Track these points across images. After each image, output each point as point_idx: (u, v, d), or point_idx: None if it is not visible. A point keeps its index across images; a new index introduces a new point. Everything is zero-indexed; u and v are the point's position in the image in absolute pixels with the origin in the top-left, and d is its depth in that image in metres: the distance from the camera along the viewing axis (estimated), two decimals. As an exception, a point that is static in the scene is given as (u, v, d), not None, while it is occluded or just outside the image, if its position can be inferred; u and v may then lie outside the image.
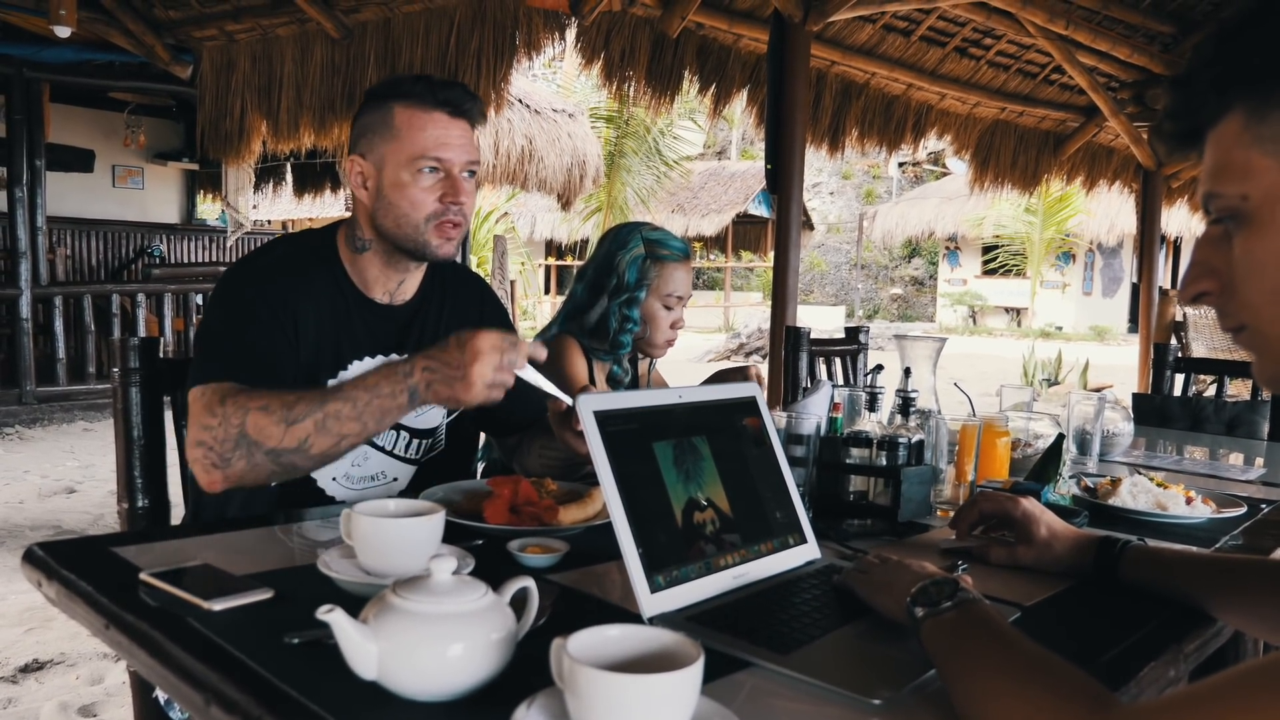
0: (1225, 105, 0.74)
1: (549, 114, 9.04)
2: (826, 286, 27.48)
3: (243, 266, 1.64)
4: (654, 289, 2.24)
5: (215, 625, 0.99)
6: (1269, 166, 0.71)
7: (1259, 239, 0.72)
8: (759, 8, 5.15)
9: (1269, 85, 0.71)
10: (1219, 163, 0.75)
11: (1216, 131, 0.75)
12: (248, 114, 5.51)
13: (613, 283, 2.23)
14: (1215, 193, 0.75)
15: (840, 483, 1.57)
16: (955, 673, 0.87)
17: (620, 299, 2.22)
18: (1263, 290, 0.73)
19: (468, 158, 1.61)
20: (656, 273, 2.23)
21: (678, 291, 2.26)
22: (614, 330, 2.22)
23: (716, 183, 20.56)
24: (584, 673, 0.73)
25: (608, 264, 2.25)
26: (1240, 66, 0.72)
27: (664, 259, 2.24)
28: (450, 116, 1.59)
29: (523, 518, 1.37)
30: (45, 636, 3.27)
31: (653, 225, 2.35)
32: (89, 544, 1.31)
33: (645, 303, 2.24)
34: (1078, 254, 21.76)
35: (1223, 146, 0.74)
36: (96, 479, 5.59)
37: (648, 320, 2.26)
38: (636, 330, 2.24)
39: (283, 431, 1.38)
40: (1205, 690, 0.69)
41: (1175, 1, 5.85)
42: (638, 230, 2.29)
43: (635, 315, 2.22)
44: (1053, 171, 7.58)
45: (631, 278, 2.22)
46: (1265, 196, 0.71)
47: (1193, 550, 1.39)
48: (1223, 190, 0.74)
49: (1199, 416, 3.21)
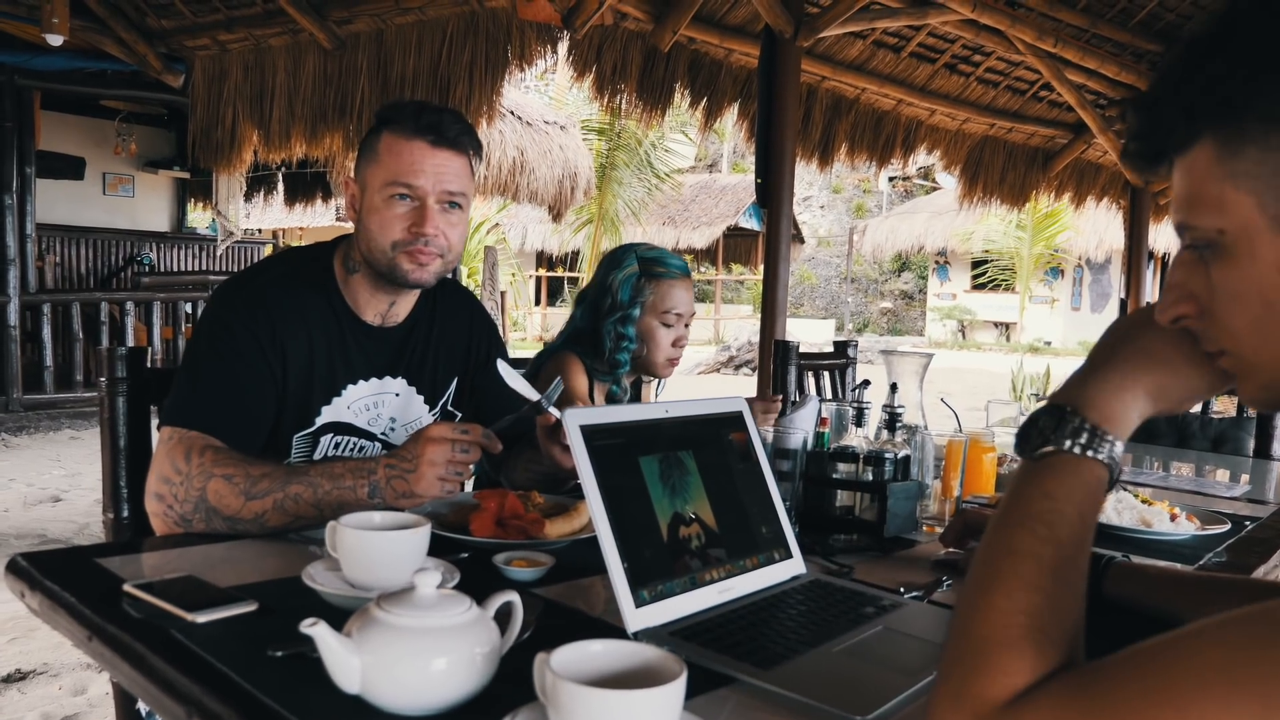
0: (1194, 134, 0.71)
1: (541, 126, 9.07)
2: (817, 300, 27.54)
3: (235, 288, 1.61)
4: (650, 306, 2.24)
5: (198, 637, 0.99)
6: (1243, 201, 0.69)
7: (1236, 271, 0.71)
8: (750, 23, 5.18)
9: (1240, 117, 0.68)
10: (1191, 194, 0.72)
11: (1186, 159, 0.73)
12: (239, 123, 5.51)
13: (608, 302, 2.24)
14: (1190, 225, 0.73)
15: (826, 498, 1.58)
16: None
17: (614, 317, 2.22)
18: (1244, 320, 0.72)
19: (444, 187, 1.57)
20: (652, 290, 2.23)
21: (676, 308, 2.26)
22: (609, 349, 2.22)
23: (707, 195, 20.60)
24: (567, 688, 0.73)
25: (604, 285, 2.26)
26: (1209, 96, 0.70)
27: (659, 276, 2.24)
28: (431, 145, 1.56)
29: (509, 531, 1.37)
30: (28, 646, 3.25)
31: (650, 245, 2.36)
32: (73, 555, 1.30)
33: (642, 320, 2.24)
34: (1066, 269, 21.87)
35: (1194, 177, 0.72)
36: (82, 488, 5.56)
37: (646, 338, 2.25)
38: (633, 348, 2.24)
39: (241, 504, 1.38)
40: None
41: (1162, 20, 5.91)
42: (633, 250, 2.29)
43: (630, 333, 2.22)
44: (1041, 187, 7.63)
45: (625, 295, 2.22)
46: (1241, 231, 0.70)
47: (1177, 568, 1.40)
48: (1197, 223, 0.72)
49: (1184, 433, 3.23)
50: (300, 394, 1.59)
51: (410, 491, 1.35)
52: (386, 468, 1.37)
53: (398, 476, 1.36)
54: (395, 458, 1.38)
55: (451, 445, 1.35)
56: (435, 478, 1.34)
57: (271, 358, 1.55)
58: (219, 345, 1.54)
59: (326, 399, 1.62)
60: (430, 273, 1.60)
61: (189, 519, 1.41)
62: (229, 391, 1.51)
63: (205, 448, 1.43)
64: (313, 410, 1.60)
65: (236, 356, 1.52)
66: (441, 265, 1.62)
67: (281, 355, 1.56)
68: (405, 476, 1.35)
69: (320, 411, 1.61)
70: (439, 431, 1.36)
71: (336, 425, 1.64)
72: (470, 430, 1.37)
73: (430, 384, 1.75)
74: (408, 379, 1.72)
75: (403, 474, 1.36)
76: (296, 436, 1.61)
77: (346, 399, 1.64)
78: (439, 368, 1.77)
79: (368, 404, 1.67)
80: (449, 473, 1.35)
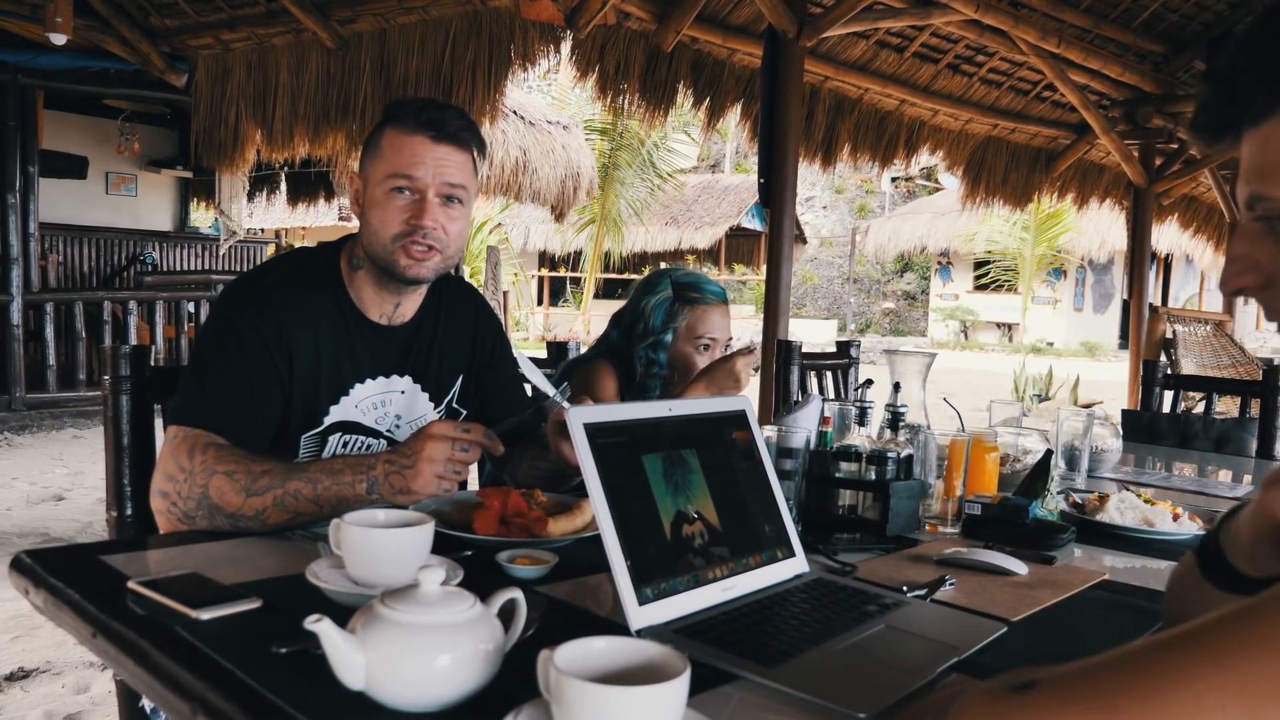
0: (1274, 104, 0.70)
1: (543, 126, 9.07)
2: (819, 300, 27.53)
3: (242, 288, 1.61)
4: (683, 333, 2.22)
5: (203, 634, 0.99)
6: None
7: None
8: (753, 23, 5.18)
9: None
10: (1267, 164, 0.71)
11: (1262, 130, 0.71)
12: (242, 122, 5.53)
13: (640, 327, 2.23)
14: (1263, 195, 0.72)
15: (829, 497, 1.58)
16: None
17: (647, 342, 2.21)
18: None
19: (444, 180, 1.57)
20: (685, 316, 2.22)
21: (711, 334, 2.24)
22: (640, 374, 2.22)
23: (710, 196, 20.61)
24: (570, 684, 0.73)
25: (636, 309, 2.25)
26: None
27: (694, 302, 2.23)
28: (432, 140, 1.57)
29: (512, 529, 1.38)
30: (31, 644, 3.25)
31: (687, 270, 2.35)
32: (77, 552, 1.30)
33: (675, 346, 2.22)
34: (1069, 270, 21.86)
35: (1272, 147, 0.71)
36: (85, 486, 5.57)
37: (678, 364, 2.24)
38: (663, 374, 2.23)
39: (242, 501, 1.39)
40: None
41: (1166, 21, 5.91)
42: (667, 275, 2.29)
43: (661, 359, 2.21)
44: (1044, 188, 7.64)
45: (657, 322, 2.21)
46: None
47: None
48: (1272, 193, 0.71)
49: (1187, 433, 3.23)
50: (308, 394, 1.59)
51: (408, 488, 1.35)
52: (385, 464, 1.37)
53: (396, 473, 1.36)
54: (395, 454, 1.38)
55: (451, 444, 1.35)
56: (433, 475, 1.35)
57: (278, 358, 1.55)
58: (225, 345, 1.54)
59: (334, 398, 1.62)
60: (428, 268, 1.59)
61: (192, 516, 1.41)
62: (235, 391, 1.51)
63: (209, 445, 1.43)
64: (320, 410, 1.60)
65: (243, 356, 1.53)
66: (440, 261, 1.61)
67: (288, 355, 1.56)
68: (403, 473, 1.35)
69: (328, 411, 1.61)
70: (439, 429, 1.36)
71: (344, 425, 1.64)
72: (471, 429, 1.37)
73: (435, 382, 1.75)
74: (413, 377, 1.72)
75: (401, 470, 1.36)
76: (305, 436, 1.61)
77: (354, 398, 1.64)
78: (444, 366, 1.77)
79: (375, 402, 1.67)
80: (447, 471, 1.35)
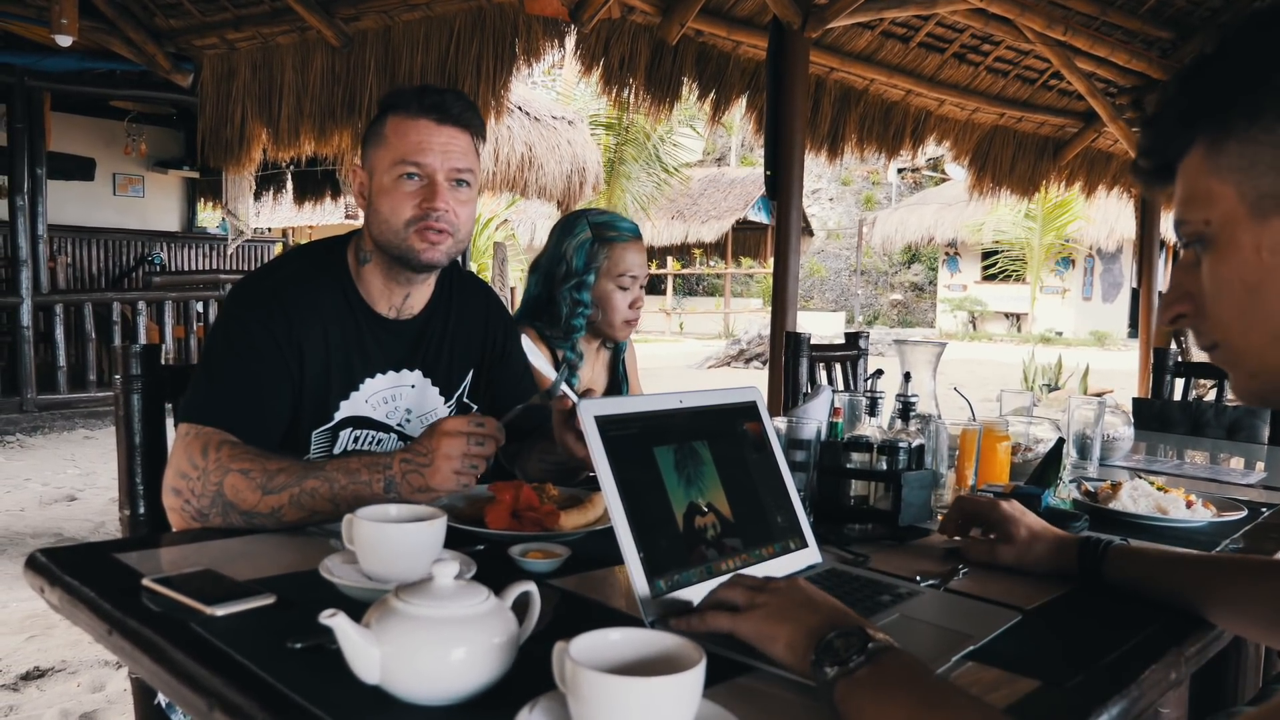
0: (1190, 138, 0.78)
1: (549, 121, 9.07)
2: (826, 292, 27.50)
3: (251, 285, 1.61)
4: (605, 271, 2.26)
5: (218, 630, 1.00)
6: (1227, 193, 0.76)
7: (1222, 261, 0.77)
8: (758, 14, 5.16)
9: (1225, 116, 0.75)
10: (1186, 192, 0.80)
11: (1184, 164, 0.80)
12: (248, 122, 5.53)
13: (562, 270, 2.26)
14: (1183, 220, 0.80)
15: (841, 487, 1.57)
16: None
17: (570, 284, 2.25)
18: (1230, 308, 0.78)
19: (451, 164, 1.58)
20: (605, 254, 2.26)
21: (630, 271, 2.28)
22: (565, 315, 2.25)
23: (716, 189, 20.59)
24: (586, 676, 0.73)
25: (556, 253, 2.29)
26: (1201, 100, 0.78)
27: (611, 240, 2.27)
28: (436, 123, 1.57)
29: (524, 523, 1.38)
30: (47, 644, 3.27)
31: (600, 210, 2.39)
32: (91, 550, 1.31)
33: (597, 285, 2.26)
34: (1077, 259, 21.78)
35: (1189, 177, 0.79)
36: (97, 486, 5.59)
37: (602, 303, 2.28)
38: (589, 314, 2.26)
39: (257, 499, 1.38)
40: None
41: (1173, 7, 5.87)
42: (584, 216, 2.32)
43: (586, 299, 2.25)
44: (1052, 177, 7.59)
45: (579, 263, 2.25)
46: (1225, 220, 0.76)
47: (1177, 550, 1.39)
48: (1189, 217, 0.79)
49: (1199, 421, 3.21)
50: (318, 389, 1.59)
51: (426, 486, 1.36)
52: (402, 462, 1.37)
53: (413, 471, 1.36)
54: (410, 452, 1.38)
55: (466, 439, 1.35)
56: (451, 471, 1.35)
57: (288, 354, 1.55)
58: (235, 343, 1.54)
59: (344, 394, 1.62)
60: (441, 252, 1.59)
61: (206, 513, 1.41)
62: (246, 388, 1.52)
63: (222, 443, 1.43)
64: (331, 405, 1.61)
65: (253, 354, 1.53)
66: (452, 244, 1.61)
67: (298, 352, 1.56)
68: (421, 471, 1.35)
69: (339, 406, 1.61)
70: (454, 425, 1.36)
71: (355, 419, 1.64)
72: (485, 423, 1.37)
73: (446, 376, 1.75)
74: (423, 371, 1.72)
75: (418, 469, 1.36)
76: (315, 432, 1.61)
77: (364, 393, 1.64)
78: (454, 360, 1.77)
79: (385, 397, 1.67)
80: (464, 466, 1.35)
